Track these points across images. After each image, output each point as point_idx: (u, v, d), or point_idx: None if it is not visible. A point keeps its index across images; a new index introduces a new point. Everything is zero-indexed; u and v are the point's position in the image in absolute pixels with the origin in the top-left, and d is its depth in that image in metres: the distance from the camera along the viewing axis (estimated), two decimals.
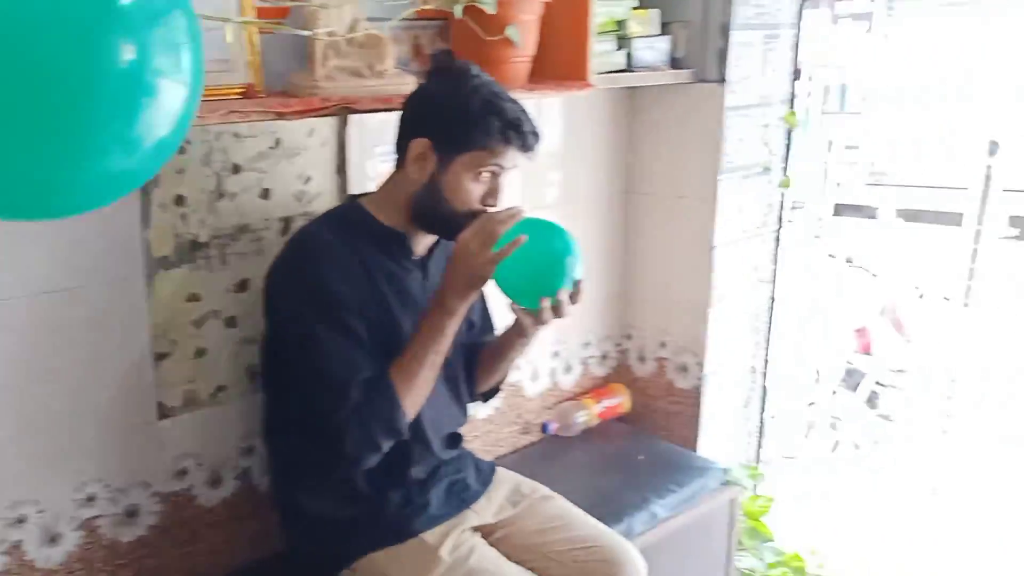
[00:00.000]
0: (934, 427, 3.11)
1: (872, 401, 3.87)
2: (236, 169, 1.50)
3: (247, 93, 1.39)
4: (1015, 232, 8.57)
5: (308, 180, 1.60)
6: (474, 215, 1.38)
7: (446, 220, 1.41)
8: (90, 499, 1.43)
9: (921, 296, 3.36)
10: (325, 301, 1.35)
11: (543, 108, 2.00)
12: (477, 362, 1.64)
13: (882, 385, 3.86)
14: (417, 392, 1.39)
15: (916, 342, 3.71)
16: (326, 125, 1.60)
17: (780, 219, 2.28)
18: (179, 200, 1.44)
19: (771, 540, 2.25)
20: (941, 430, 3.09)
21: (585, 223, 2.17)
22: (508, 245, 1.31)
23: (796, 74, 2.22)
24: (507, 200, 1.78)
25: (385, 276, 1.44)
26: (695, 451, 2.23)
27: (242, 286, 1.55)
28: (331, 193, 1.63)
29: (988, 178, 2.89)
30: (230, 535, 1.62)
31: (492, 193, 1.40)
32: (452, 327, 1.38)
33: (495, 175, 1.40)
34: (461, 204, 1.39)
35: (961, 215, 2.93)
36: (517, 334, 1.56)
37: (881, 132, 10.54)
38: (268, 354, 1.48)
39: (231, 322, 1.55)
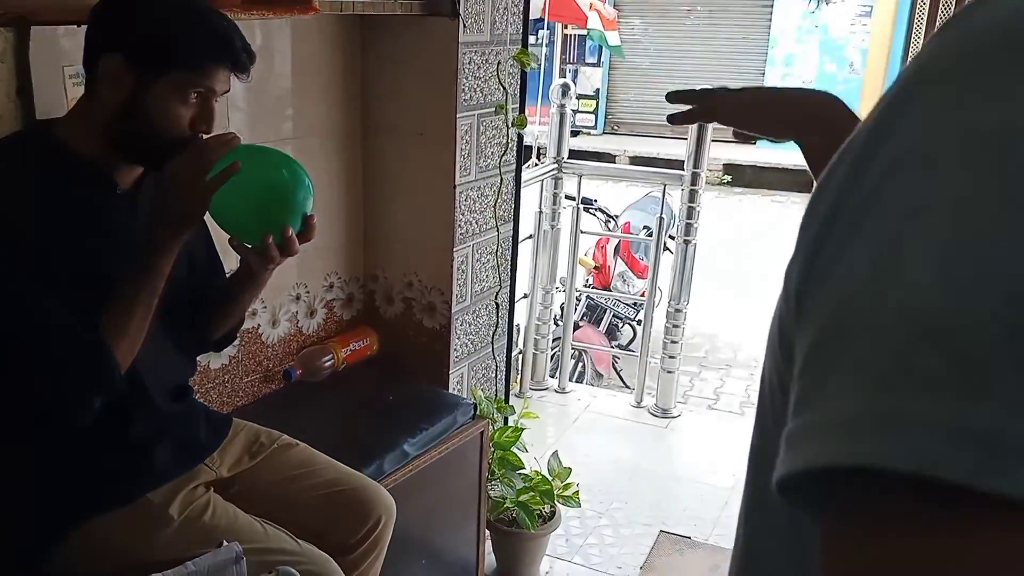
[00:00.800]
0: (661, 355, 3.42)
1: (612, 333, 4.18)
2: None
3: None
4: (728, 177, 9.52)
5: None
6: (184, 142, 1.26)
7: (152, 148, 1.28)
8: None
9: (651, 234, 3.64)
10: (10, 243, 1.18)
11: (271, 35, 1.89)
12: (204, 308, 1.53)
13: (619, 318, 4.18)
14: (130, 340, 1.26)
15: (647, 279, 4.03)
16: (0, 38, 1.38)
17: (518, 158, 2.34)
18: None
19: (521, 468, 2.35)
20: (668, 356, 3.40)
21: (323, 160, 2.10)
22: (221, 173, 1.21)
23: (536, 22, 2.27)
24: (224, 129, 1.67)
25: (84, 215, 1.28)
26: (446, 389, 2.27)
27: None
28: (12, 119, 1.42)
29: (701, 125, 3.17)
30: None
31: (204, 118, 1.29)
32: (165, 266, 1.26)
33: (205, 98, 1.28)
34: (168, 130, 1.26)
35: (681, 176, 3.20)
36: (245, 275, 1.46)
37: (621, 84, 11.18)
38: None
39: None
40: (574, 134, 10.39)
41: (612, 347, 4.15)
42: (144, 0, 1.26)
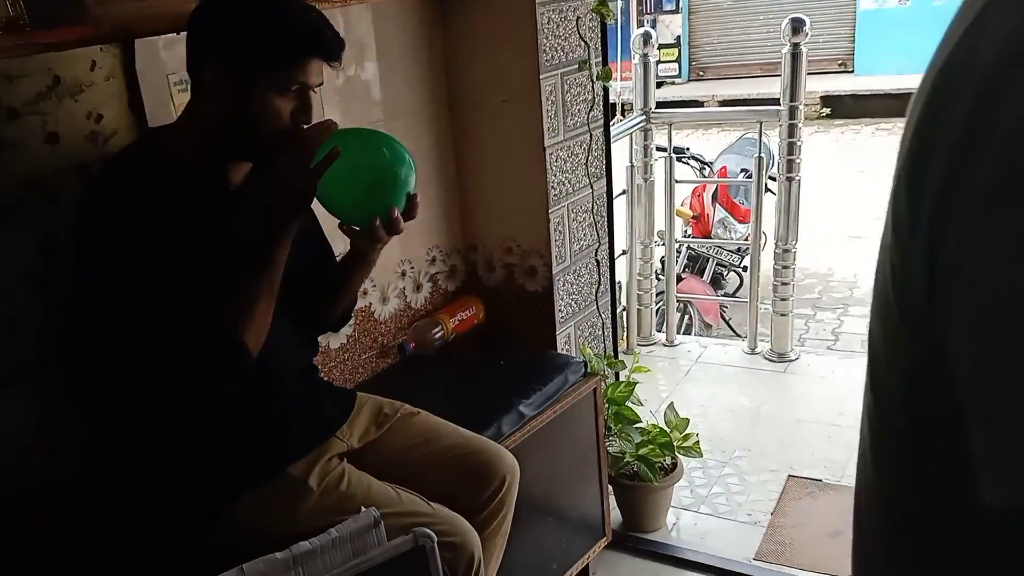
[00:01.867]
0: (772, 298, 3.34)
1: (717, 282, 4.10)
2: (13, 114, 1.36)
3: (8, 26, 1.25)
4: (827, 110, 9.12)
5: (99, 119, 1.48)
6: (288, 135, 1.32)
7: (259, 146, 1.34)
8: None
9: (750, 177, 3.54)
10: (137, 254, 1.25)
11: (353, 21, 1.93)
12: (319, 291, 1.60)
13: (723, 266, 4.09)
14: (256, 329, 1.32)
15: (749, 222, 3.93)
16: (109, 56, 1.47)
17: (606, 113, 2.32)
18: None
19: (637, 422, 2.36)
20: (780, 299, 3.31)
21: (414, 138, 2.14)
22: (324, 159, 1.26)
23: None
24: (323, 116, 1.73)
25: (201, 216, 1.35)
26: (554, 349, 2.30)
27: (45, 246, 1.42)
28: (128, 130, 1.51)
29: (796, 57, 3.05)
30: (86, 507, 1.51)
31: (303, 109, 1.34)
32: (280, 255, 1.33)
33: (303, 90, 1.33)
34: (272, 127, 1.32)
35: (778, 99, 3.09)
36: (356, 257, 1.52)
37: (701, 29, 10.82)
38: (89, 325, 1.35)
39: (43, 285, 1.42)
40: (659, 85, 10.15)
41: (718, 296, 4.08)
42: (236, 3, 1.31)
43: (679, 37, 10.51)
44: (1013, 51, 0.31)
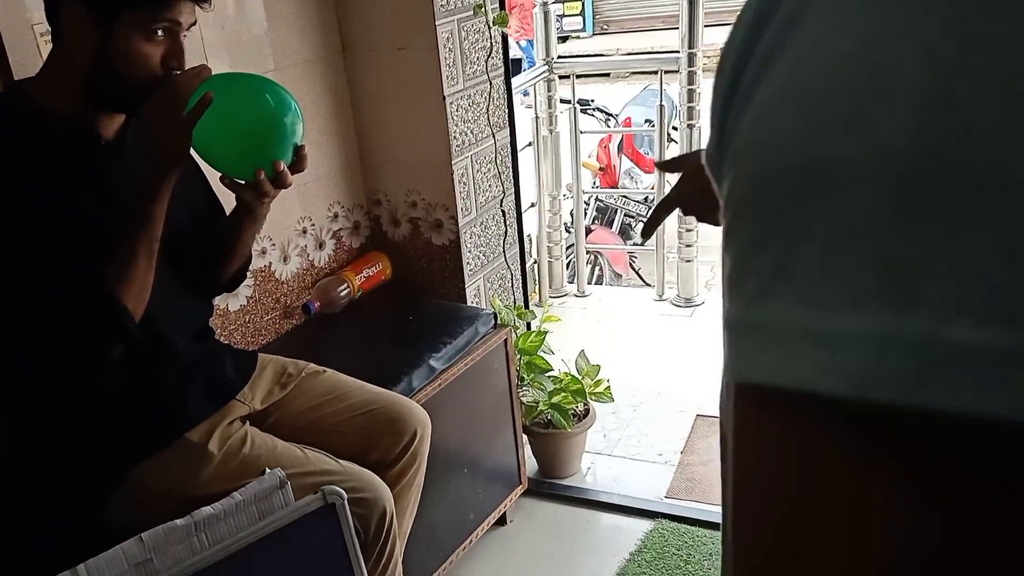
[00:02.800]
0: (677, 245, 3.40)
1: (626, 232, 4.16)
2: None
3: None
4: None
5: None
6: (157, 82, 1.24)
7: (126, 94, 1.25)
8: None
9: (653, 127, 3.58)
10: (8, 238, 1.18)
11: None
12: (210, 250, 1.53)
13: (631, 216, 4.15)
14: (137, 288, 1.26)
15: (655, 172, 3.98)
16: None
17: (506, 61, 2.29)
18: None
19: (550, 371, 2.38)
20: (685, 245, 3.38)
21: (308, 89, 2.06)
22: (196, 106, 1.19)
23: None
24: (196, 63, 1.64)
25: (71, 172, 1.27)
26: (464, 303, 2.29)
27: None
28: None
29: (692, 4, 3.07)
30: None
31: (173, 53, 1.25)
32: (159, 210, 1.26)
33: (171, 32, 1.25)
34: (138, 72, 1.24)
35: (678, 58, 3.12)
36: (242, 212, 1.46)
37: None
38: None
39: None
40: (563, 40, 10.14)
41: (627, 246, 4.14)
42: None
43: None
44: None
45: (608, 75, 8.11)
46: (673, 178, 1.05)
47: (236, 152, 1.27)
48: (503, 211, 2.38)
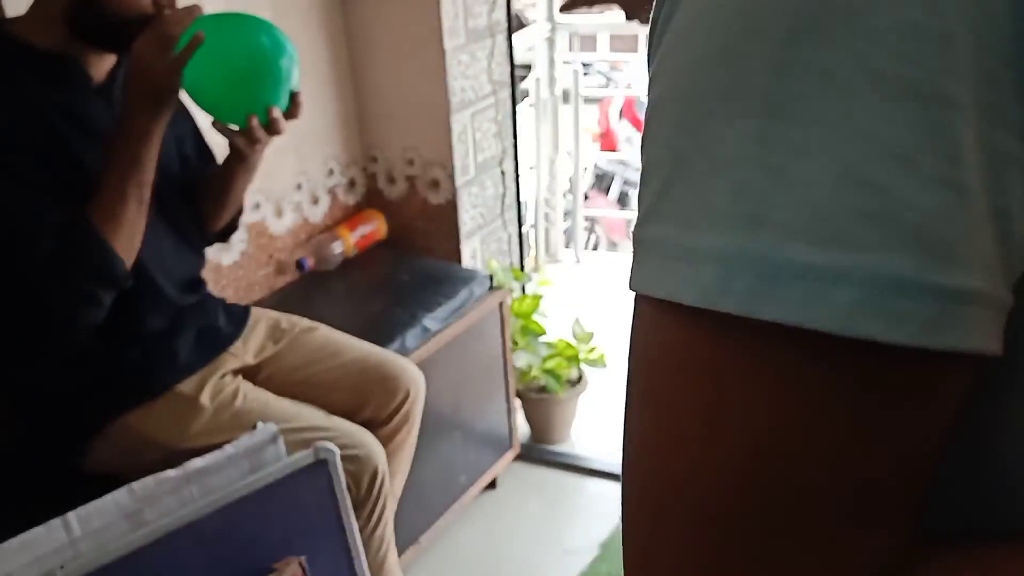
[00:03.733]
0: None
1: (624, 200, 4.13)
2: None
3: None
4: None
5: None
6: (146, 20, 1.19)
7: (113, 31, 1.21)
8: None
9: None
10: None
11: None
12: (201, 197, 1.49)
13: (629, 184, 4.11)
14: (126, 232, 1.23)
15: None
16: None
17: (508, 16, 2.24)
18: None
19: (543, 335, 2.36)
20: None
21: (306, 39, 2.01)
22: (187, 46, 1.14)
23: None
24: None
25: (59, 112, 1.23)
26: (459, 264, 2.26)
27: None
28: None
29: None
30: None
31: None
32: (149, 153, 1.22)
33: None
34: (126, 8, 1.20)
35: None
36: (234, 160, 1.42)
37: None
38: None
39: None
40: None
41: (624, 213, 4.10)
42: None
43: None
44: None
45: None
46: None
47: (228, 95, 1.23)
48: (502, 171, 2.34)
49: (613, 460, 2.37)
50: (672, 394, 0.30)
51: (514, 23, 2.31)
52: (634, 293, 0.32)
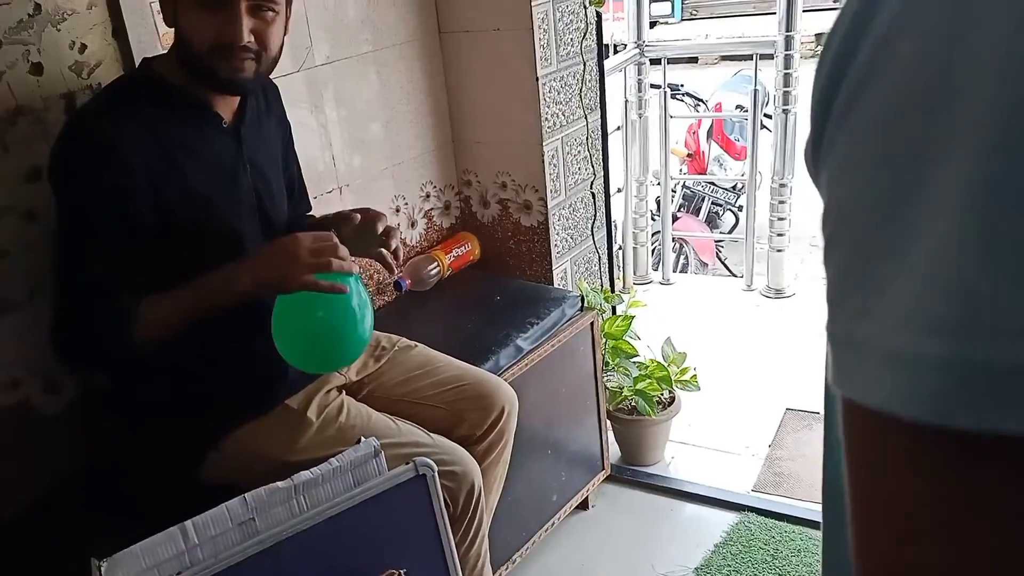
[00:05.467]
0: (768, 234, 3.32)
1: (713, 221, 4.08)
2: None
3: None
4: (819, 48, 9.04)
5: (83, 49, 1.44)
6: (216, 52, 1.27)
7: (198, 67, 1.29)
8: None
9: (745, 112, 3.50)
10: (91, 201, 1.23)
11: None
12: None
13: (719, 205, 4.07)
14: (163, 331, 1.30)
15: (745, 159, 3.89)
16: None
17: (599, 41, 2.27)
18: None
19: (635, 356, 2.36)
20: (776, 234, 3.29)
21: (405, 70, 2.09)
22: (329, 283, 1.26)
23: None
24: (306, 48, 1.69)
25: (187, 150, 1.32)
26: (551, 285, 2.29)
27: (32, 176, 1.40)
28: (113, 61, 1.48)
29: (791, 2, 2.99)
30: (79, 440, 1.52)
31: (228, 27, 1.26)
32: (230, 303, 1.31)
33: (225, 3, 1.25)
34: (200, 43, 1.27)
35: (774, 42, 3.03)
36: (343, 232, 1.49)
37: None
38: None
39: (30, 216, 1.40)
40: (651, 25, 9.97)
41: (714, 234, 4.06)
42: None
43: None
44: None
45: (696, 60, 7.96)
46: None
47: (298, 353, 1.37)
48: (592, 193, 2.36)
49: (706, 484, 2.34)
50: (929, 527, 0.27)
51: (606, 49, 2.35)
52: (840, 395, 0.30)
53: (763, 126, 3.38)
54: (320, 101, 1.89)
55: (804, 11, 3.10)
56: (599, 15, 2.22)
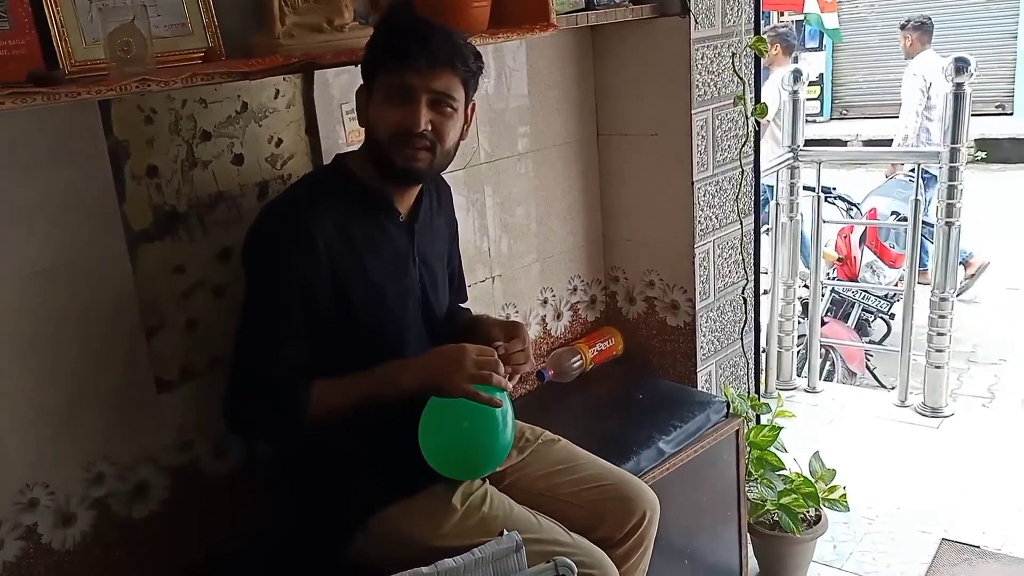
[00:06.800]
0: (925, 349, 3.15)
1: (862, 328, 3.91)
2: (206, 136, 1.48)
3: (207, 56, 1.36)
4: (982, 154, 8.61)
5: (279, 143, 1.58)
6: (396, 139, 1.36)
7: (380, 158, 1.39)
8: (99, 478, 1.42)
9: (902, 220, 3.38)
10: (280, 283, 1.33)
11: (508, 54, 1.99)
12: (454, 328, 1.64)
13: (870, 312, 3.90)
14: (327, 416, 1.37)
15: (900, 267, 3.74)
16: (291, 85, 1.58)
17: (756, 149, 2.28)
18: (152, 171, 1.41)
19: (781, 468, 2.26)
20: (935, 350, 3.12)
21: (561, 168, 2.17)
22: (486, 396, 1.34)
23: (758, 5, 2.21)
24: (473, 148, 1.79)
25: (368, 243, 1.42)
26: (695, 387, 2.25)
27: (225, 255, 1.53)
28: (304, 155, 1.61)
29: (958, 97, 2.90)
30: (242, 505, 1.61)
31: (410, 116, 1.35)
32: (392, 398, 1.38)
33: (408, 96, 1.35)
34: (382, 133, 1.37)
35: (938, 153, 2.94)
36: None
37: (846, 66, 10.44)
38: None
39: (219, 291, 1.53)
40: None
41: (864, 343, 3.88)
42: (375, 32, 1.40)
43: (822, 75, 10.20)
44: None
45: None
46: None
47: (449, 459, 1.44)
48: (744, 298, 2.33)
49: None
50: None
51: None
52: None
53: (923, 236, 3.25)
54: (481, 196, 1.98)
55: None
56: (758, 124, 2.24)
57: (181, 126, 1.44)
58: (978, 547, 2.39)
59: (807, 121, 10.15)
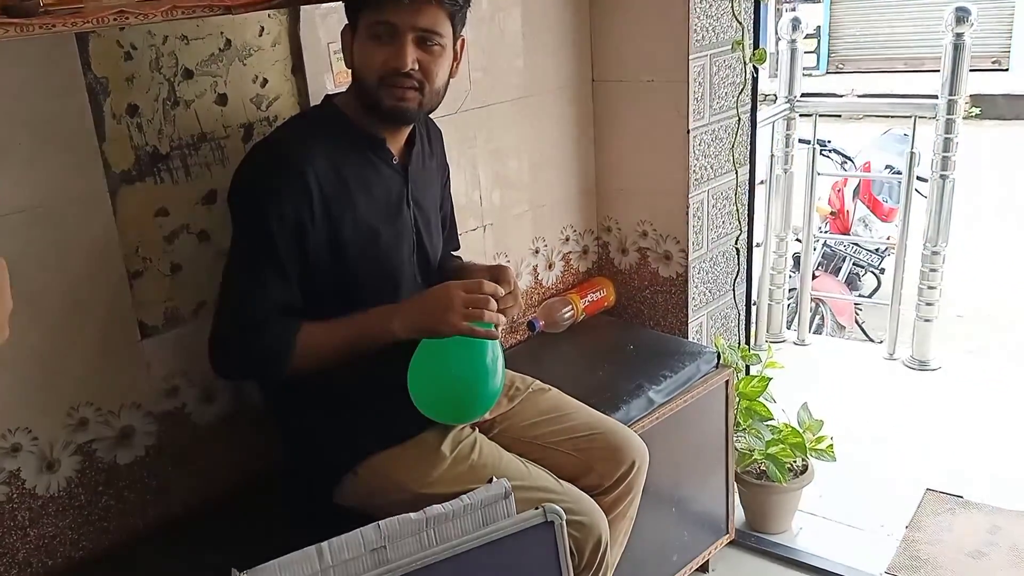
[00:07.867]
0: (915, 302, 3.15)
1: (853, 282, 3.91)
2: (188, 74, 1.43)
3: None
4: (977, 110, 8.53)
5: (264, 83, 1.53)
6: (384, 80, 1.32)
7: (367, 98, 1.35)
8: (82, 423, 1.40)
9: (896, 173, 3.35)
10: (269, 223, 1.30)
11: None
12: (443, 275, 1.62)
13: (860, 266, 3.89)
14: (315, 361, 1.35)
15: (893, 221, 3.73)
16: (276, 23, 1.52)
17: (754, 97, 2.24)
18: (132, 110, 1.37)
19: (769, 419, 2.27)
20: (925, 303, 3.12)
21: (556, 115, 2.12)
22: (483, 330, 1.31)
23: None
24: (465, 91, 1.74)
25: (362, 184, 1.38)
26: (685, 337, 2.24)
27: (210, 198, 1.50)
28: (290, 95, 1.57)
29: (958, 48, 2.85)
30: (230, 450, 1.60)
31: (395, 56, 1.31)
32: (381, 344, 1.36)
33: (393, 34, 1.30)
34: (369, 74, 1.33)
35: (924, 95, 2.91)
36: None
37: (844, 19, 10.30)
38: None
39: (203, 236, 1.50)
40: None
41: (854, 296, 3.89)
42: None
43: (819, 27, 10.06)
44: None
45: (839, 115, 7.70)
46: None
47: (432, 398, 1.41)
48: (737, 248, 2.31)
49: (835, 559, 2.21)
50: None
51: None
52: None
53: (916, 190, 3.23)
54: (473, 142, 1.94)
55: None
56: (756, 70, 2.19)
57: (162, 63, 1.39)
58: (961, 497, 2.42)
59: (804, 74, 10.04)
